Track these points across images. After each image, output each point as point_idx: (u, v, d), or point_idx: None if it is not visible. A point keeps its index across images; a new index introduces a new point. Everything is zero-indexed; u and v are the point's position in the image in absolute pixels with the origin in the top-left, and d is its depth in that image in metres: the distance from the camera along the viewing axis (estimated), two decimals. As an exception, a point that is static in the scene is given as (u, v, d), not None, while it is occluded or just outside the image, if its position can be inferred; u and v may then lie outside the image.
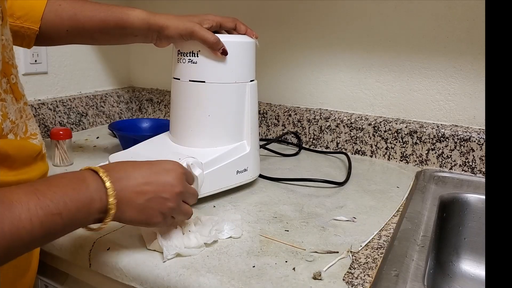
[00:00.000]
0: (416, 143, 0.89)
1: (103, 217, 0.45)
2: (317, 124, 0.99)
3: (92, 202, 0.43)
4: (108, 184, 0.44)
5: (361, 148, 0.95)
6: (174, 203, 0.49)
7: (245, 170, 0.72)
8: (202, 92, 0.68)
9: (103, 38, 0.69)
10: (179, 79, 0.70)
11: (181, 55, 0.69)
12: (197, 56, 0.67)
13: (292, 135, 1.02)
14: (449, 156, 0.86)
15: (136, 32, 0.67)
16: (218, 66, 0.67)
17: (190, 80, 0.68)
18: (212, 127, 0.70)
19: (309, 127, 1.00)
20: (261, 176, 0.78)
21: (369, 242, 0.57)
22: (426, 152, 0.88)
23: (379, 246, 0.56)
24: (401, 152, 0.91)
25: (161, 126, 0.94)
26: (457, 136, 0.84)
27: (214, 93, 0.69)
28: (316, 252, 0.54)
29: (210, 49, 0.66)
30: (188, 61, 0.68)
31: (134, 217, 0.47)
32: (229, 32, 0.71)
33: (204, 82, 0.68)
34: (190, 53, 0.68)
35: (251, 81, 0.72)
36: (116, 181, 0.45)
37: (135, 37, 0.69)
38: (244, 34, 0.71)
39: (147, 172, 0.49)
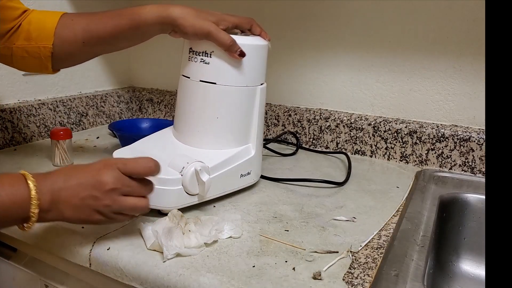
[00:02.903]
0: (416, 143, 0.89)
1: (27, 221, 0.48)
2: (317, 124, 0.99)
3: (15, 206, 0.46)
4: (33, 193, 0.47)
5: (361, 148, 0.95)
6: (108, 201, 0.50)
7: (249, 173, 0.71)
8: (212, 94, 0.67)
9: (120, 42, 0.69)
10: (189, 77, 0.68)
11: (193, 54, 0.67)
12: (210, 57, 0.65)
13: (291, 135, 1.02)
14: (449, 156, 0.86)
15: (151, 29, 0.66)
16: (231, 69, 0.66)
17: (200, 80, 0.67)
18: (220, 129, 0.68)
19: (309, 127, 1.00)
20: (261, 176, 0.78)
21: (369, 242, 0.57)
22: (426, 152, 0.88)
23: (379, 246, 0.56)
24: (401, 152, 0.91)
25: (161, 126, 0.94)
26: (457, 136, 0.84)
27: (225, 96, 0.67)
28: (316, 252, 0.54)
29: (226, 52, 0.64)
30: (200, 61, 0.66)
31: (73, 217, 0.50)
32: (243, 32, 0.70)
33: (215, 83, 0.66)
34: (203, 53, 0.66)
35: (261, 84, 0.71)
36: (53, 184, 0.49)
37: (151, 34, 0.68)
38: (258, 35, 0.70)
39: (81, 174, 0.51)
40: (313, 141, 1.00)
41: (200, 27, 0.63)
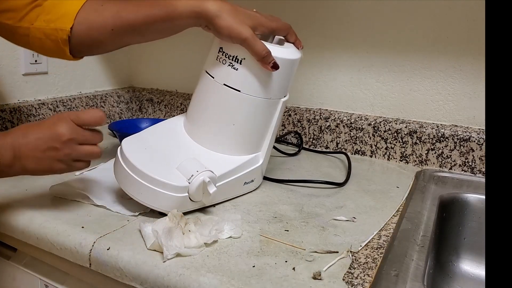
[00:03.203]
0: (416, 143, 0.89)
1: None
2: (317, 124, 0.99)
3: None
4: None
5: (361, 148, 0.95)
6: (68, 150, 0.56)
7: (252, 181, 0.70)
8: (233, 100, 0.64)
9: (151, 33, 0.65)
10: (213, 77, 0.65)
11: (222, 54, 0.64)
12: (240, 63, 0.62)
13: (296, 135, 1.02)
14: (449, 156, 0.86)
15: (185, 22, 0.63)
16: (259, 79, 0.63)
17: (224, 84, 0.64)
18: (234, 136, 0.67)
19: (309, 127, 1.00)
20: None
21: (369, 242, 0.57)
22: (426, 152, 0.88)
23: (379, 246, 0.56)
24: (401, 152, 0.91)
25: (161, 126, 0.94)
26: (456, 136, 0.84)
27: (246, 105, 0.65)
28: (316, 252, 0.54)
29: (258, 61, 0.62)
30: (229, 65, 0.63)
31: (36, 168, 0.56)
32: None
33: (239, 91, 0.63)
34: (233, 57, 0.63)
35: (284, 96, 0.69)
36: (13, 141, 0.54)
37: (184, 27, 0.64)
38: (293, 43, 0.68)
39: (38, 129, 0.56)
40: (313, 141, 1.00)
41: (237, 32, 0.60)
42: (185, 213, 0.60)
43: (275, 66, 0.62)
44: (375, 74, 0.94)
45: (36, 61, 0.99)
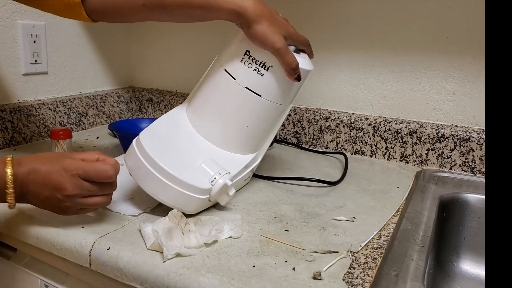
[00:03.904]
0: (415, 143, 0.89)
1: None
2: (316, 124, 0.99)
3: None
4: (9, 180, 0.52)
5: (361, 148, 0.95)
6: (69, 203, 0.54)
7: (249, 177, 0.73)
8: (253, 104, 0.65)
9: (183, 16, 0.64)
10: (235, 78, 0.65)
11: (249, 58, 0.64)
12: (267, 70, 0.63)
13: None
14: (449, 156, 0.86)
15: (221, 15, 0.61)
16: (280, 87, 0.65)
17: (246, 87, 0.64)
18: (245, 137, 0.68)
19: (308, 127, 1.00)
20: (254, 175, 0.78)
21: (369, 242, 0.57)
22: (426, 152, 0.88)
23: (379, 246, 0.56)
24: (401, 152, 0.91)
25: (161, 126, 0.94)
26: (456, 136, 0.84)
27: (264, 109, 0.66)
28: (316, 252, 0.54)
29: (286, 71, 0.63)
30: (255, 70, 0.64)
31: (41, 207, 0.55)
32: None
33: (260, 96, 0.65)
34: (261, 63, 0.63)
35: (291, 102, 0.73)
36: (24, 177, 0.53)
37: (218, 18, 0.63)
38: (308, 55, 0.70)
39: (46, 172, 0.53)
40: (313, 141, 1.00)
41: (272, 42, 0.61)
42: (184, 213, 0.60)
43: (299, 78, 0.65)
44: (375, 74, 0.94)
45: (36, 61, 0.99)
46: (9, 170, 0.52)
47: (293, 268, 0.50)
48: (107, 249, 0.53)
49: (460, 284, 0.74)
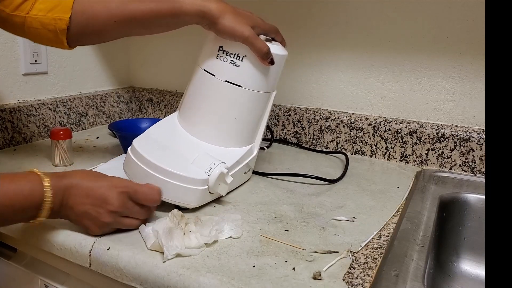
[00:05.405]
0: (416, 143, 0.89)
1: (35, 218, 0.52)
2: (317, 124, 0.99)
3: (29, 198, 0.50)
4: (48, 193, 0.50)
5: (361, 148, 0.95)
6: (109, 219, 0.54)
7: (249, 170, 0.75)
8: (235, 96, 0.68)
9: (154, 27, 0.67)
10: (213, 75, 0.68)
11: (223, 53, 0.67)
12: (242, 60, 0.66)
13: (268, 130, 1.04)
14: (449, 156, 0.86)
15: (189, 20, 0.65)
16: (258, 74, 0.68)
17: (226, 81, 0.67)
18: (236, 129, 0.71)
19: (309, 127, 1.00)
20: (253, 172, 0.80)
21: (369, 242, 0.57)
22: (426, 152, 0.88)
23: (379, 246, 0.56)
24: (401, 152, 0.91)
25: (161, 126, 0.94)
26: (457, 136, 0.84)
27: (247, 99, 0.69)
28: (316, 252, 0.54)
29: (259, 58, 0.66)
30: (231, 62, 0.67)
31: (75, 222, 0.55)
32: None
33: (241, 86, 0.68)
34: (235, 55, 0.66)
35: (274, 90, 0.74)
36: (66, 189, 0.52)
37: (186, 24, 0.67)
38: (279, 42, 0.72)
39: (93, 184, 0.54)
40: (313, 141, 1.00)
41: (240, 32, 0.64)
42: (185, 213, 0.60)
43: (273, 62, 0.67)
44: (375, 74, 0.94)
45: (36, 61, 0.99)
46: (47, 184, 0.51)
47: (293, 268, 0.50)
48: (107, 249, 0.53)
49: (460, 284, 0.74)
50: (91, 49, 1.14)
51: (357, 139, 0.95)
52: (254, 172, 0.80)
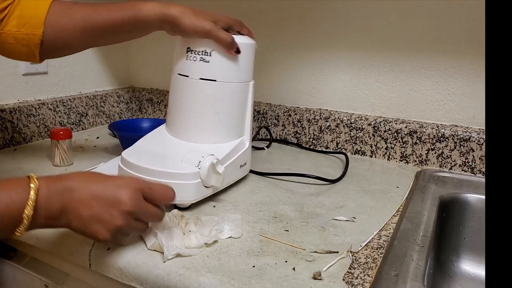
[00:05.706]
0: (416, 143, 0.89)
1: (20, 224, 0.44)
2: (317, 124, 0.99)
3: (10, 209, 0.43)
4: (32, 194, 0.44)
5: (361, 148, 0.95)
6: (122, 222, 0.47)
7: (245, 164, 0.76)
8: (212, 91, 0.70)
9: (119, 36, 0.69)
10: (187, 76, 0.70)
11: (191, 53, 0.69)
12: (210, 55, 0.68)
13: (266, 130, 1.04)
14: (449, 156, 0.86)
15: (151, 26, 0.67)
16: (229, 66, 0.69)
17: (200, 78, 0.69)
18: (220, 124, 0.72)
19: (309, 127, 1.00)
20: (251, 171, 0.80)
21: (369, 242, 0.57)
22: (426, 152, 0.88)
23: (379, 246, 0.56)
24: (401, 152, 0.91)
25: (161, 126, 0.94)
26: (457, 136, 0.84)
27: (224, 92, 0.71)
28: (316, 252, 0.54)
29: (224, 49, 0.67)
30: (200, 60, 0.68)
31: (79, 229, 0.47)
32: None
33: (215, 80, 0.69)
34: (203, 51, 0.68)
35: (251, 80, 0.75)
36: (65, 192, 0.46)
37: (149, 30, 0.69)
38: (246, 35, 0.73)
39: (100, 185, 0.48)
40: (313, 141, 1.00)
41: (201, 26, 0.65)
42: (185, 213, 0.60)
43: (238, 51, 0.68)
44: (375, 74, 0.94)
45: (36, 61, 0.99)
46: (33, 188, 0.44)
47: (293, 268, 0.50)
48: (107, 249, 0.53)
49: (460, 284, 0.74)
50: (91, 49, 1.14)
51: (357, 139, 0.95)
52: (254, 172, 0.80)
